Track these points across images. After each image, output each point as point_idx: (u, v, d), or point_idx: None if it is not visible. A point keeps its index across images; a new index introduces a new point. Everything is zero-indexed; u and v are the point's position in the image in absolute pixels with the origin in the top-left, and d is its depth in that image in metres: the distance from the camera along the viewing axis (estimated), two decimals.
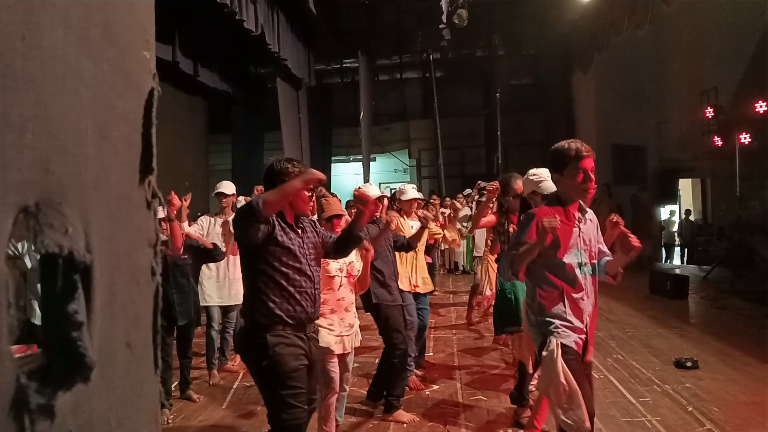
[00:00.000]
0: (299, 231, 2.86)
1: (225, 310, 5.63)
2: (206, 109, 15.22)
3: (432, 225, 5.26)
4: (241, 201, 5.77)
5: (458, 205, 9.12)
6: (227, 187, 5.62)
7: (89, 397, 0.73)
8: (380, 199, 4.62)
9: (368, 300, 4.32)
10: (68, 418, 0.69)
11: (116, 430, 0.81)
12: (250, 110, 15.06)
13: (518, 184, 4.27)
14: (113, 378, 0.80)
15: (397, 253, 4.65)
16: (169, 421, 4.41)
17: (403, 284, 4.81)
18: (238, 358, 5.65)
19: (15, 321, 0.59)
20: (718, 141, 10.44)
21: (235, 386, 5.22)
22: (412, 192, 5.12)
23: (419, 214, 4.97)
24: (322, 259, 3.14)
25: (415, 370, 5.09)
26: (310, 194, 2.98)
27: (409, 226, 4.98)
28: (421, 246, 5.05)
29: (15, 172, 0.59)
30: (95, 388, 0.74)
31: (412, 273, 5.01)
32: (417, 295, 5.04)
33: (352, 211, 4.85)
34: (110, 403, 0.79)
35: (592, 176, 2.71)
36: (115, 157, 0.79)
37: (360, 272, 3.74)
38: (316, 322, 3.05)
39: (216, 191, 5.58)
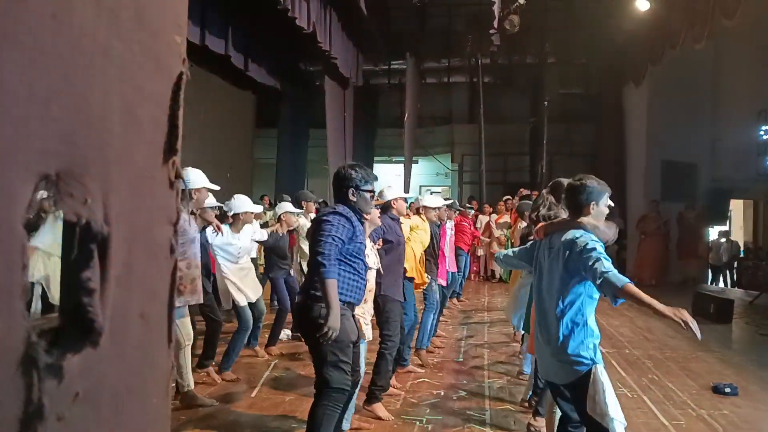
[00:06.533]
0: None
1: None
2: (254, 103, 15.51)
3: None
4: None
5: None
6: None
7: (99, 362, 0.76)
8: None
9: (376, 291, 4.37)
10: (76, 380, 0.72)
11: (125, 397, 0.84)
12: (297, 106, 15.27)
13: None
14: (125, 347, 0.83)
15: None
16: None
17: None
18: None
19: (28, 282, 0.62)
20: None
21: (265, 375, 5.33)
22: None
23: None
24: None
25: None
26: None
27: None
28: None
29: (38, 141, 0.63)
30: (106, 354, 0.77)
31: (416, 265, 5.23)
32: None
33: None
34: (120, 371, 0.82)
35: None
36: (140, 135, 0.82)
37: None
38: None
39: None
